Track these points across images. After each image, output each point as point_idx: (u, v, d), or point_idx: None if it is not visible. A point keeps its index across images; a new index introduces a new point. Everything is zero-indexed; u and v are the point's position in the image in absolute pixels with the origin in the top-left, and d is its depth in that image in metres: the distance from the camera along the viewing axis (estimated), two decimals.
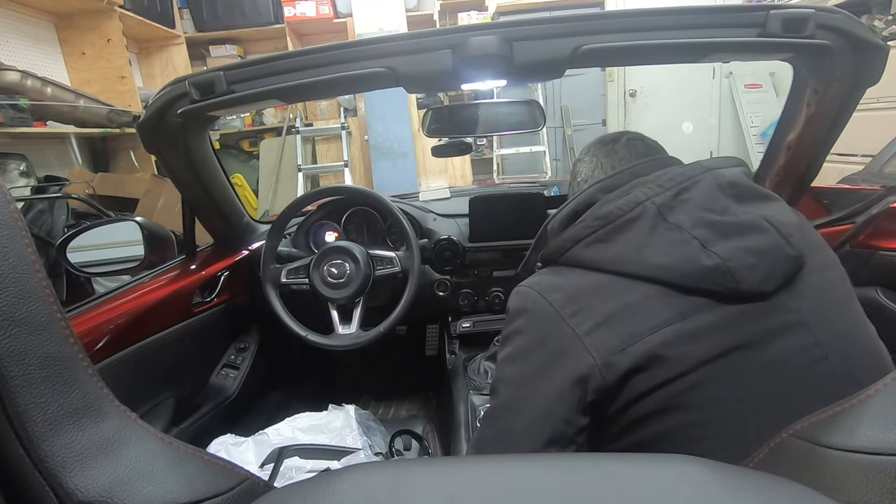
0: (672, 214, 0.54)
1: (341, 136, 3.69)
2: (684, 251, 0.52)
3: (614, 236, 0.55)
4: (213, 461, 0.40)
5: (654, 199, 0.55)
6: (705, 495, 0.28)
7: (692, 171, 0.57)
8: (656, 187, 0.56)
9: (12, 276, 0.32)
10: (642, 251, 0.53)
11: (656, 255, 0.52)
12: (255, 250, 1.25)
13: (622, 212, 0.55)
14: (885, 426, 0.30)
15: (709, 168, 0.58)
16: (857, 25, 0.69)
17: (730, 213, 0.54)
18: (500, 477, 0.32)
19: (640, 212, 0.55)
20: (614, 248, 0.55)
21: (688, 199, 0.55)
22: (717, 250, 0.51)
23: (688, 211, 0.54)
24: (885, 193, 0.95)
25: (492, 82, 0.80)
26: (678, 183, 0.56)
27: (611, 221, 0.55)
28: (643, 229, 0.54)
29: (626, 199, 0.56)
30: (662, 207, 0.54)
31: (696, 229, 0.53)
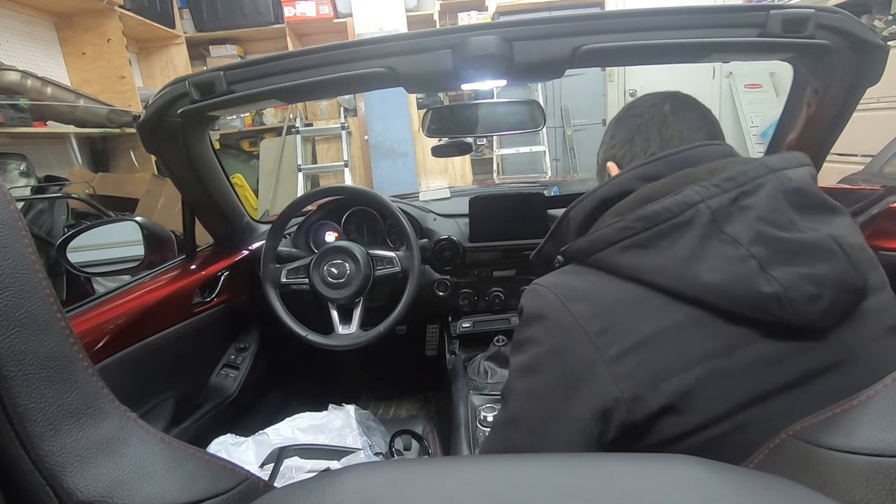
0: (729, 223, 0.46)
1: (341, 136, 3.69)
2: (740, 271, 0.44)
3: (658, 242, 0.47)
4: (213, 461, 0.40)
5: (709, 201, 0.47)
6: (705, 495, 0.28)
7: (755, 171, 0.49)
8: (712, 187, 0.47)
9: (12, 276, 0.32)
10: (690, 265, 0.45)
11: (706, 272, 0.45)
12: (255, 250, 1.25)
13: (671, 214, 0.47)
14: (885, 427, 0.30)
15: (774, 168, 0.49)
16: (857, 25, 0.69)
17: (795, 229, 0.47)
18: (500, 477, 0.32)
19: (692, 216, 0.46)
20: (657, 256, 0.47)
21: (748, 207, 0.47)
22: (778, 275, 0.44)
23: (747, 221, 0.46)
24: (885, 193, 0.95)
25: (492, 82, 0.80)
26: (739, 184, 0.48)
27: (656, 224, 0.47)
28: (693, 238, 0.46)
29: (675, 199, 0.47)
30: (718, 213, 0.46)
31: (756, 246, 0.45)
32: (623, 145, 0.65)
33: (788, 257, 0.45)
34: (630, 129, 0.65)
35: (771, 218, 0.46)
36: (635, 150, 0.63)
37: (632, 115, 0.66)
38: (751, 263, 0.44)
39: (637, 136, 0.64)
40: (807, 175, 0.52)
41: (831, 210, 0.51)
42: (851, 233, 0.50)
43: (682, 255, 0.46)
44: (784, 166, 0.50)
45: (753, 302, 0.44)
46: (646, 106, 0.65)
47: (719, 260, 0.45)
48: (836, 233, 0.48)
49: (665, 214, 0.47)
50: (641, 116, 0.64)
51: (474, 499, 0.30)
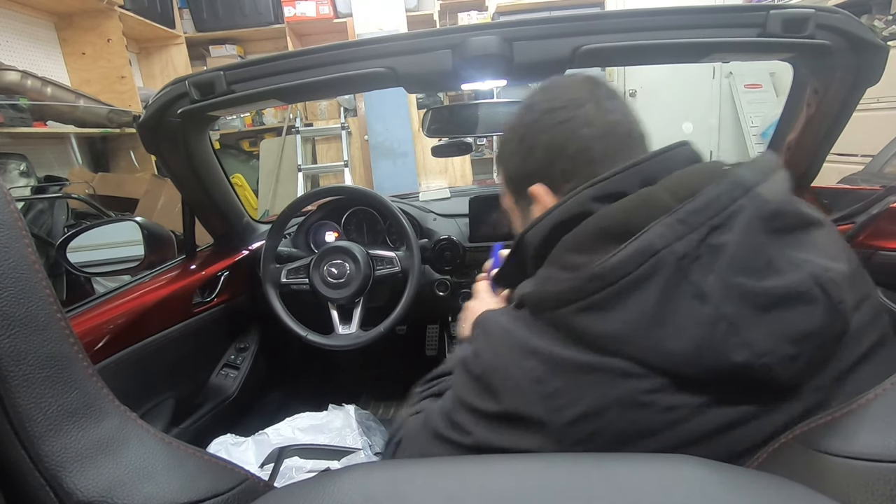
0: (697, 272, 0.40)
1: (341, 136, 3.69)
2: (709, 336, 0.39)
3: (615, 304, 0.40)
4: (213, 461, 0.40)
5: (674, 246, 0.40)
6: (705, 495, 0.28)
7: (728, 196, 0.41)
8: (677, 225, 0.40)
9: (12, 276, 0.32)
10: (653, 330, 0.39)
11: (671, 338, 0.39)
12: (255, 250, 1.25)
13: (630, 269, 0.40)
14: (885, 432, 0.30)
15: (748, 187, 0.42)
16: (857, 25, 0.69)
17: (772, 271, 0.41)
18: (500, 477, 0.32)
19: (654, 267, 0.40)
20: (615, 320, 0.40)
21: (720, 247, 0.40)
22: (753, 338, 0.39)
23: (718, 270, 0.39)
24: (885, 193, 0.95)
25: (492, 82, 0.80)
26: (708, 218, 0.40)
27: (612, 283, 0.40)
28: (656, 294, 0.40)
29: (634, 249, 0.40)
30: (684, 260, 0.40)
31: (727, 303, 0.39)
32: (550, 161, 0.55)
33: (765, 313, 0.40)
34: (556, 138, 0.54)
35: (745, 262, 0.40)
36: (574, 165, 0.53)
37: (553, 122, 0.54)
38: (721, 326, 0.39)
39: (567, 148, 0.54)
40: (782, 186, 0.45)
41: (809, 225, 0.45)
42: (833, 254, 0.44)
43: (644, 317, 0.40)
44: (759, 180, 0.43)
45: (724, 371, 0.39)
46: (563, 103, 0.54)
47: (686, 322, 0.39)
48: (816, 266, 0.42)
49: (622, 271, 0.40)
50: (565, 122, 0.54)
51: (474, 499, 0.30)
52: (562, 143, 0.54)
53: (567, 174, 0.53)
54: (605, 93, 0.55)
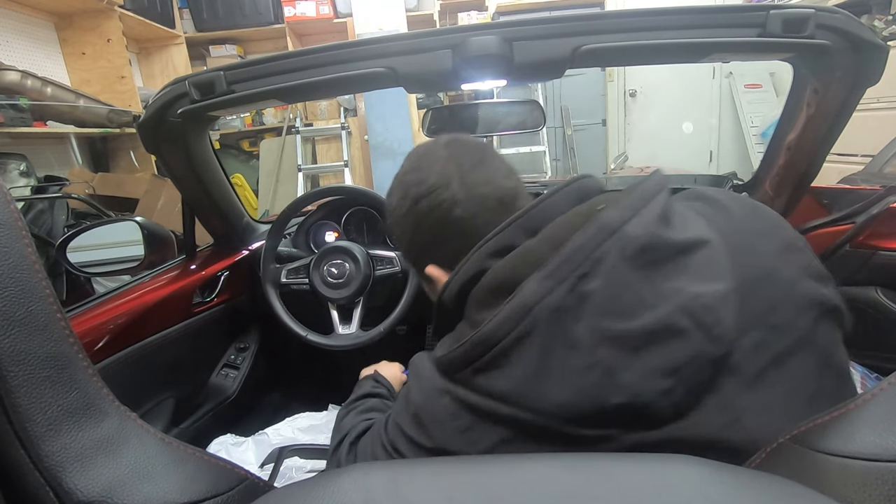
0: (570, 321, 0.42)
1: (341, 136, 3.69)
2: (586, 383, 0.41)
3: (503, 361, 0.43)
4: (212, 461, 0.40)
5: (546, 300, 0.42)
6: (705, 495, 0.28)
7: (593, 242, 0.43)
8: (547, 279, 0.42)
9: (12, 276, 0.32)
10: (539, 383, 0.42)
11: (554, 389, 0.41)
12: (255, 250, 1.25)
13: (508, 330, 0.42)
14: (883, 432, 0.30)
15: (613, 229, 0.43)
16: (857, 25, 0.69)
17: (643, 308, 0.42)
18: (500, 477, 0.32)
19: (530, 325, 0.42)
20: (505, 378, 0.43)
21: (589, 295, 0.42)
22: (627, 379, 0.41)
23: (589, 317, 0.42)
24: (885, 193, 0.95)
25: (492, 82, 0.80)
26: (576, 267, 0.42)
27: (494, 346, 0.43)
28: (537, 349, 0.42)
29: (509, 310, 0.43)
30: (557, 312, 0.42)
31: (600, 348, 0.41)
32: (435, 246, 0.57)
33: (636, 350, 0.41)
34: (433, 226, 0.56)
35: (613, 306, 0.42)
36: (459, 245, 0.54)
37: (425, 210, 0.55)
38: (596, 372, 0.41)
39: (445, 232, 0.55)
40: (653, 217, 0.44)
41: (686, 250, 0.45)
42: (712, 274, 0.44)
43: (528, 374, 0.42)
44: (626, 217, 0.43)
45: (605, 415, 0.41)
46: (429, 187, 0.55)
47: (564, 372, 0.41)
48: (686, 295, 0.42)
49: (501, 333, 0.43)
50: (436, 209, 0.55)
51: (474, 499, 0.30)
52: (439, 230, 0.56)
53: (456, 252, 0.54)
54: (469, 161, 0.56)
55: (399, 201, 0.58)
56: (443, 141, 0.59)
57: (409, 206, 0.57)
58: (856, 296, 0.98)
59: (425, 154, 0.58)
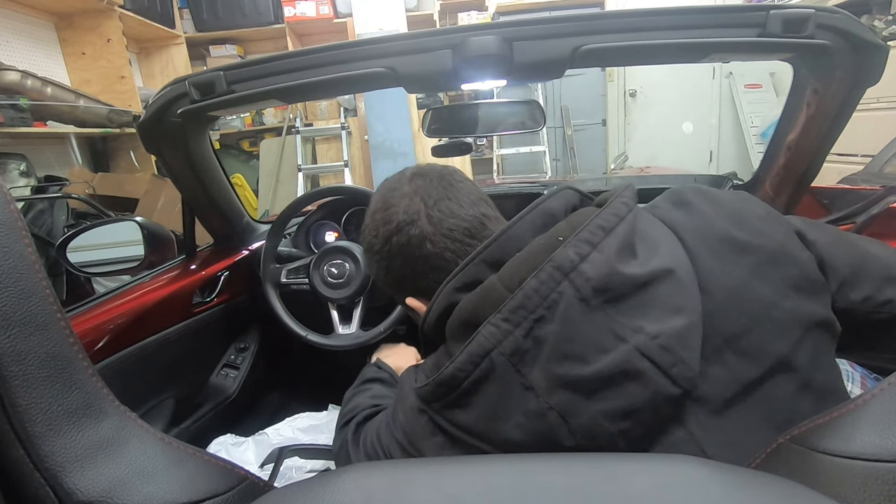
0: (526, 365, 0.43)
1: (341, 136, 3.69)
2: (541, 427, 0.42)
3: (467, 399, 0.45)
4: (212, 461, 0.40)
5: (501, 346, 0.43)
6: (705, 495, 0.28)
7: (547, 286, 0.43)
8: (503, 324, 0.43)
9: (12, 276, 0.32)
10: (496, 423, 0.44)
11: (511, 430, 0.43)
12: (255, 250, 1.24)
13: (467, 372, 0.44)
14: (883, 432, 0.30)
15: (568, 270, 0.43)
16: (857, 25, 0.69)
17: (598, 353, 0.42)
18: (500, 477, 0.32)
19: (488, 368, 0.43)
20: (470, 413, 0.46)
21: (543, 340, 0.42)
22: (580, 424, 0.42)
23: (545, 361, 0.42)
24: (885, 193, 0.95)
25: (492, 82, 0.80)
26: (529, 312, 0.43)
27: (456, 386, 0.45)
28: (495, 391, 0.44)
29: (468, 353, 0.44)
30: (514, 357, 0.43)
31: (555, 394, 0.42)
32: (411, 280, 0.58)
33: (590, 398, 0.42)
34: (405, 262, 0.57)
35: (567, 351, 0.42)
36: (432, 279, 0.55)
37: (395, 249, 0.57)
38: (551, 416, 0.42)
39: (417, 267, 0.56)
40: (613, 251, 0.44)
41: (647, 283, 0.44)
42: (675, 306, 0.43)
43: (487, 413, 0.44)
44: (583, 254, 0.43)
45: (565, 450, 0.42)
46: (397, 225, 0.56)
47: (521, 415, 0.43)
48: (644, 336, 0.42)
49: (461, 375, 0.45)
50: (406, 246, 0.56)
51: (474, 499, 0.30)
52: (412, 266, 0.57)
53: (431, 284, 0.55)
54: (434, 195, 0.56)
55: (372, 239, 0.59)
56: (408, 175, 0.60)
57: (382, 244, 0.58)
58: None
59: (392, 190, 0.59)
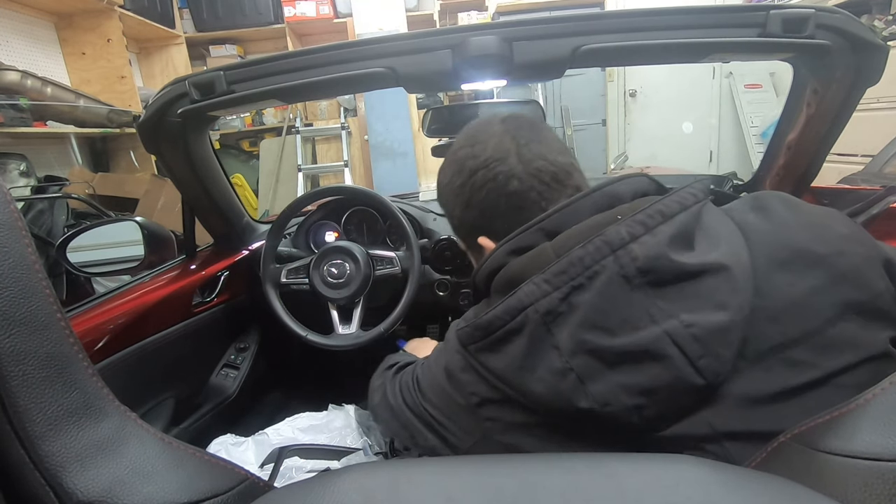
0: (557, 326, 0.45)
1: (341, 136, 3.69)
2: (560, 385, 0.44)
3: (499, 347, 0.48)
4: (213, 461, 0.40)
5: (538, 304, 0.45)
6: (705, 495, 0.28)
7: (593, 256, 0.44)
8: (544, 285, 0.45)
9: (12, 276, 0.32)
10: (523, 373, 0.46)
11: (534, 382, 0.45)
12: (255, 250, 1.25)
13: (503, 322, 0.47)
14: (884, 431, 0.30)
15: (617, 246, 0.44)
16: (857, 25, 0.69)
17: (627, 329, 0.43)
18: (500, 477, 0.32)
19: (523, 321, 0.46)
20: (498, 360, 0.48)
21: (577, 306, 0.44)
22: (595, 389, 0.43)
23: (572, 326, 0.44)
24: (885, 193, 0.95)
25: (492, 82, 0.80)
26: (570, 278, 0.45)
27: (492, 333, 0.48)
28: (525, 344, 0.46)
29: (506, 305, 0.47)
30: (547, 317, 0.45)
31: (577, 357, 0.44)
32: (488, 219, 0.59)
33: (611, 366, 0.43)
34: (487, 198, 0.57)
35: (597, 320, 0.43)
36: (510, 219, 0.56)
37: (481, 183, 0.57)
38: (570, 377, 0.44)
39: (498, 206, 0.57)
40: (667, 236, 0.44)
41: (696, 275, 0.44)
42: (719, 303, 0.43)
43: (515, 362, 0.47)
44: (635, 234, 0.44)
45: (575, 415, 0.44)
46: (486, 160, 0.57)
47: (545, 370, 0.45)
48: (677, 322, 0.42)
49: (497, 323, 0.47)
50: (492, 181, 0.56)
51: (474, 499, 0.30)
52: (493, 202, 0.57)
53: (507, 226, 0.56)
54: (526, 136, 0.57)
55: (454, 175, 0.60)
56: (499, 117, 0.60)
57: (465, 179, 0.58)
58: None
59: (481, 129, 0.59)
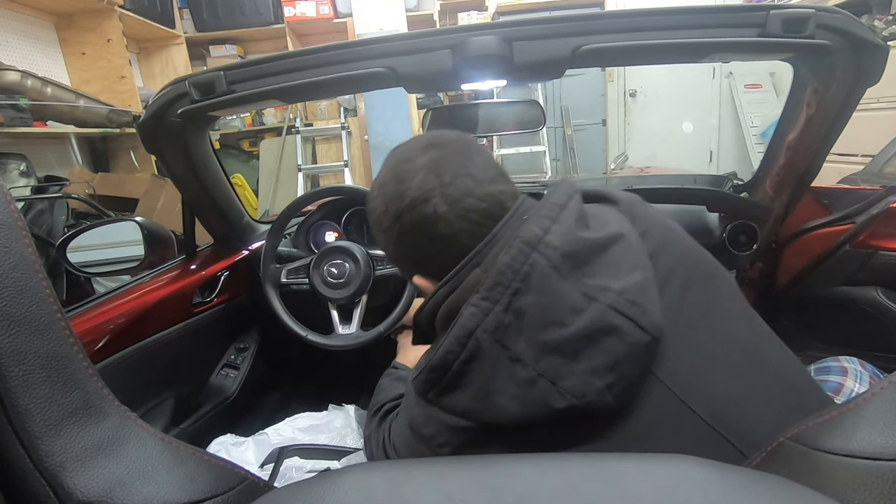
0: (510, 338, 0.45)
1: (341, 136, 3.69)
2: (535, 396, 0.44)
3: (458, 382, 0.47)
4: (213, 461, 0.40)
5: (484, 323, 0.45)
6: (705, 495, 0.28)
7: (518, 260, 0.45)
8: (483, 302, 0.45)
9: (12, 276, 0.32)
10: (493, 399, 0.45)
11: (507, 403, 0.45)
12: (255, 250, 1.24)
13: (455, 354, 0.46)
14: (884, 430, 0.30)
15: (534, 242, 0.45)
16: (857, 25, 0.69)
17: (574, 315, 0.44)
18: (500, 477, 0.32)
19: (474, 347, 0.45)
20: (464, 396, 0.47)
21: (523, 311, 0.44)
22: (569, 385, 0.43)
23: (528, 332, 0.44)
24: (885, 193, 0.95)
25: (492, 82, 0.80)
26: (506, 287, 0.45)
27: (447, 370, 0.46)
28: (486, 369, 0.45)
29: (453, 336, 0.46)
30: (497, 333, 0.45)
31: (542, 361, 0.44)
32: (422, 262, 0.57)
33: (575, 356, 0.44)
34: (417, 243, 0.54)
35: (547, 317, 0.44)
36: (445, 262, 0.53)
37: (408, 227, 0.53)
38: (541, 383, 0.44)
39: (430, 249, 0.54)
40: (571, 221, 0.47)
41: (605, 246, 0.47)
42: (632, 264, 0.47)
43: (481, 391, 0.45)
44: (546, 227, 0.46)
45: (555, 417, 0.44)
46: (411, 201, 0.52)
47: (513, 386, 0.44)
48: (612, 293, 0.44)
49: (450, 357, 0.46)
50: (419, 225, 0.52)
51: (474, 499, 0.30)
52: (423, 246, 0.53)
53: (439, 268, 0.53)
54: (451, 170, 0.52)
55: (381, 214, 0.55)
56: (421, 145, 0.55)
57: (392, 222, 0.54)
58: (856, 296, 0.98)
59: (404, 161, 0.54)
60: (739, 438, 0.46)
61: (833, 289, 1.02)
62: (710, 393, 0.47)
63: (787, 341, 0.54)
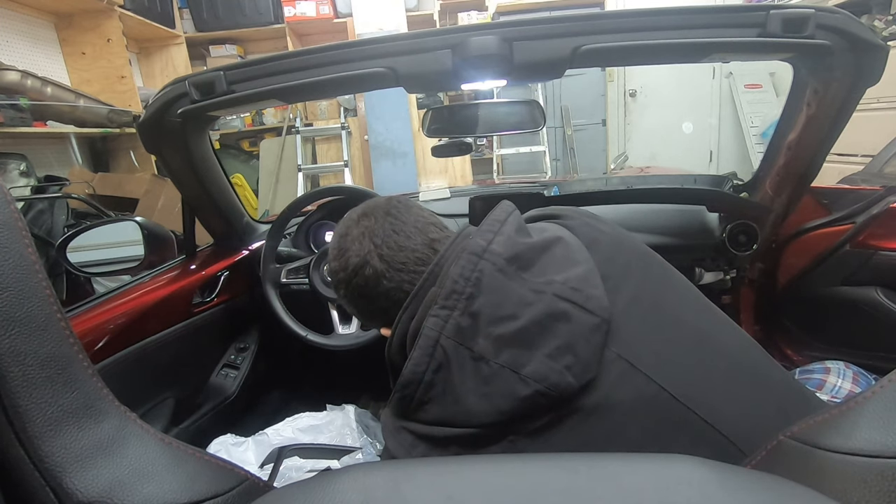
0: (471, 339, 0.48)
1: (341, 136, 3.69)
2: (500, 388, 0.46)
3: (430, 393, 0.49)
4: (213, 461, 0.40)
5: (446, 329, 0.48)
6: (705, 495, 0.28)
7: (468, 269, 0.49)
8: (442, 311, 0.48)
9: (12, 276, 0.32)
10: (464, 403, 0.47)
11: (478, 403, 0.47)
12: (255, 250, 1.25)
13: (424, 364, 0.48)
14: (883, 428, 0.30)
15: (480, 252, 0.50)
16: (857, 25, 0.69)
17: (525, 308, 0.48)
18: (500, 477, 0.32)
19: (442, 355, 0.48)
20: (437, 405, 0.49)
21: (479, 312, 0.48)
22: (530, 371, 0.46)
23: (485, 330, 0.47)
24: (885, 193, 0.95)
25: (492, 82, 0.80)
26: (460, 294, 0.48)
27: (419, 383, 0.49)
28: (452, 375, 0.48)
29: (419, 348, 0.48)
30: (459, 336, 0.48)
31: (502, 354, 0.47)
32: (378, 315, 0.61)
33: (532, 343, 0.47)
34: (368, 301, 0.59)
35: (500, 313, 0.48)
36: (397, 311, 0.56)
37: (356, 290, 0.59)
38: (505, 374, 0.46)
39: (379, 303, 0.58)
40: (511, 231, 0.52)
41: (546, 247, 0.52)
42: (573, 260, 0.52)
43: (453, 397, 0.48)
44: (489, 238, 0.51)
45: (523, 406, 0.46)
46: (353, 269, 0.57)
47: (481, 383, 0.47)
48: (556, 284, 0.49)
49: (420, 368, 0.48)
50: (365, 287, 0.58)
51: (474, 499, 0.30)
52: (375, 302, 0.59)
53: (395, 316, 0.57)
54: (382, 232, 0.57)
55: (337, 284, 0.61)
56: (355, 217, 0.61)
57: (345, 288, 0.60)
58: (856, 296, 0.98)
59: (344, 236, 0.60)
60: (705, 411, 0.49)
61: (833, 289, 1.02)
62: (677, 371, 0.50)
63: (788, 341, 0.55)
